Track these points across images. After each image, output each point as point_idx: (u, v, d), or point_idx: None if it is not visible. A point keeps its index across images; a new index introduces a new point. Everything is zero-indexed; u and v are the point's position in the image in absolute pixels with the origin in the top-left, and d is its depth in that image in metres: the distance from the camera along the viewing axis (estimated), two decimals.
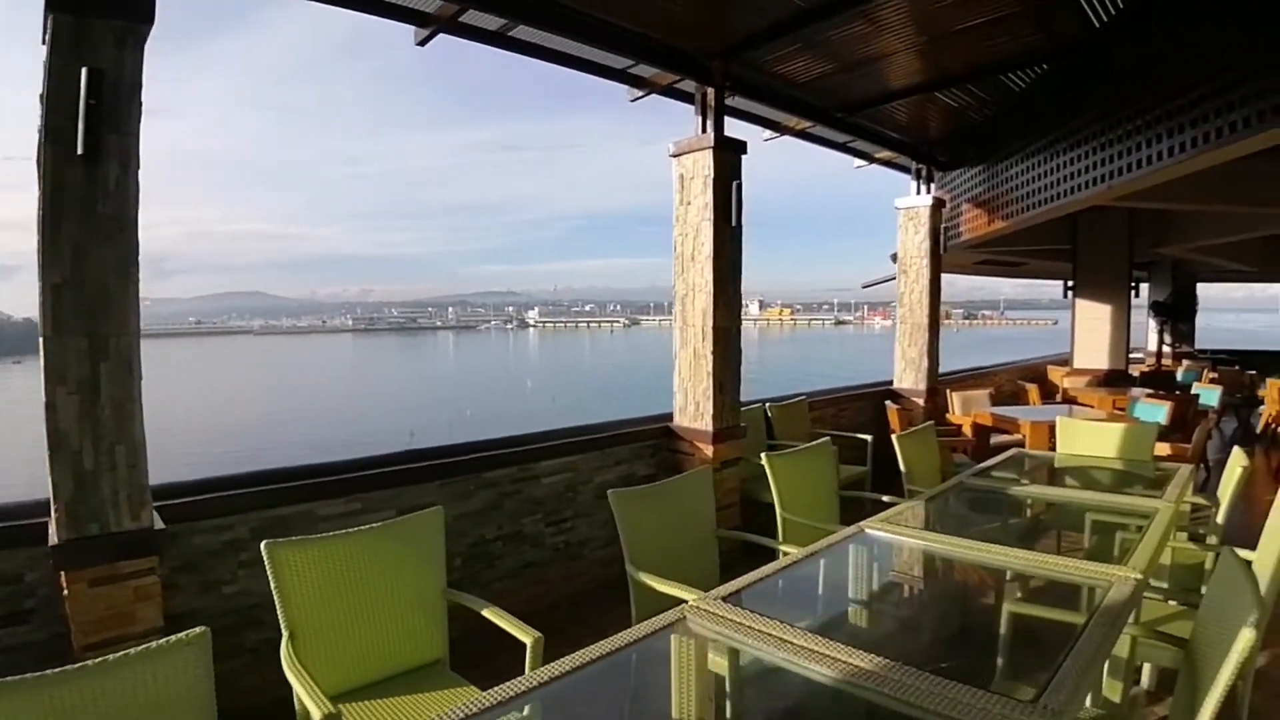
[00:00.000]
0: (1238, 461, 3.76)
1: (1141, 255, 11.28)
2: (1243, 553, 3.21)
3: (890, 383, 8.17)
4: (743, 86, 5.64)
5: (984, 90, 6.54)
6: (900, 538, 2.86)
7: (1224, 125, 4.02)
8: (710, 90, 5.15)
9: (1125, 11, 4.83)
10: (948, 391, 7.51)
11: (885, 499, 3.81)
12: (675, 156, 5.22)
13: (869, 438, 6.07)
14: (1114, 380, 10.11)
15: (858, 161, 8.12)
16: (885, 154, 7.97)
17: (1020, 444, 5.87)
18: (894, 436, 4.26)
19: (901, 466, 4.23)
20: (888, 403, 6.64)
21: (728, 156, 5.07)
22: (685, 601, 2.24)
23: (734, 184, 5.05)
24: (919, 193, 8.04)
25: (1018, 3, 4.67)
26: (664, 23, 4.70)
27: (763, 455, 3.68)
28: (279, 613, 2.41)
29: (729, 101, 5.76)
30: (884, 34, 5.06)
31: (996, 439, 6.58)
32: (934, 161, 8.20)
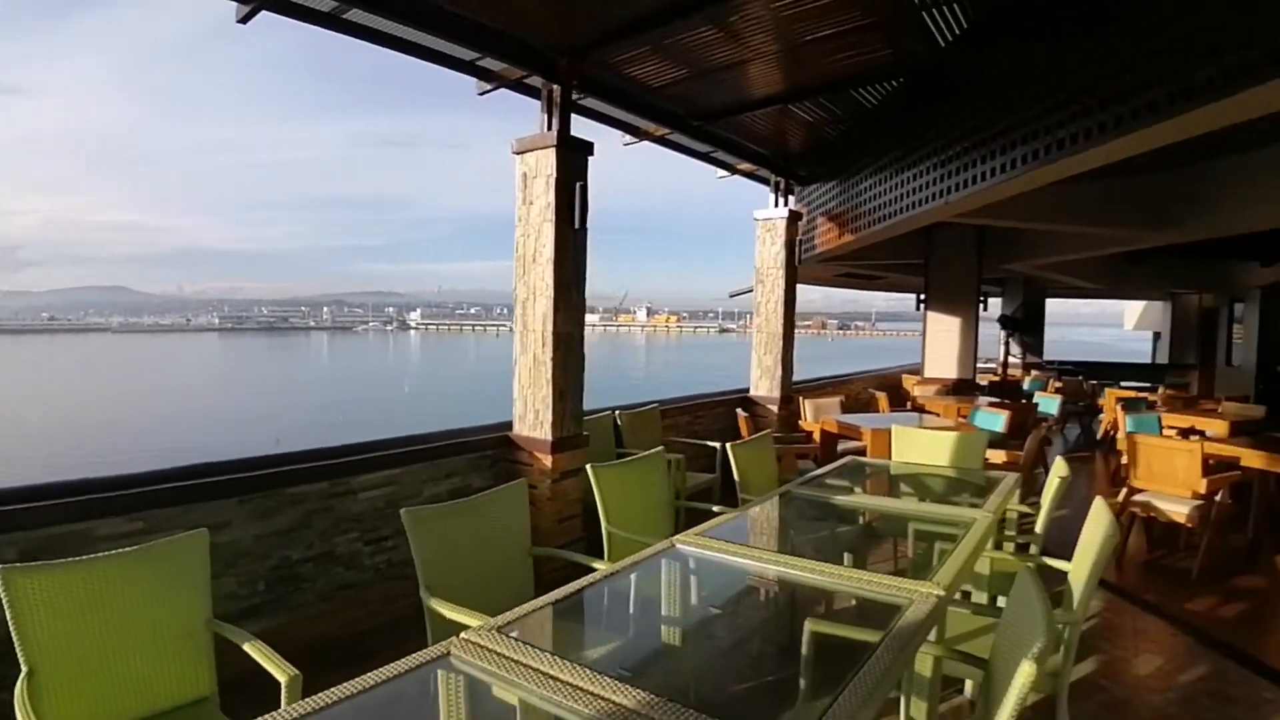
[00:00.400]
0: (1058, 471, 3.84)
1: (990, 271, 11.84)
2: (1058, 563, 3.26)
3: (747, 390, 8.22)
4: (596, 87, 5.51)
5: (837, 105, 6.65)
6: (710, 553, 2.73)
7: (1052, 142, 4.13)
8: (556, 87, 4.98)
9: (969, 31, 4.95)
10: (800, 399, 7.60)
11: (715, 509, 3.72)
12: (518, 154, 5.01)
13: (718, 445, 6.03)
14: (962, 389, 10.53)
15: (720, 172, 8.16)
16: (747, 166, 8.02)
17: (863, 451, 5.95)
18: (729, 446, 4.18)
19: (736, 475, 4.15)
20: (739, 410, 6.64)
21: (572, 156, 4.90)
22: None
23: (578, 185, 4.88)
24: (777, 205, 8.14)
25: (865, 17, 4.71)
26: (509, 14, 4.51)
27: (588, 467, 3.51)
28: (17, 648, 2.10)
29: (584, 102, 5.66)
30: (734, 42, 5.03)
31: (845, 446, 6.66)
32: (793, 175, 8.31)
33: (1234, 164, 6.89)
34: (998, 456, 5.75)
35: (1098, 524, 2.75)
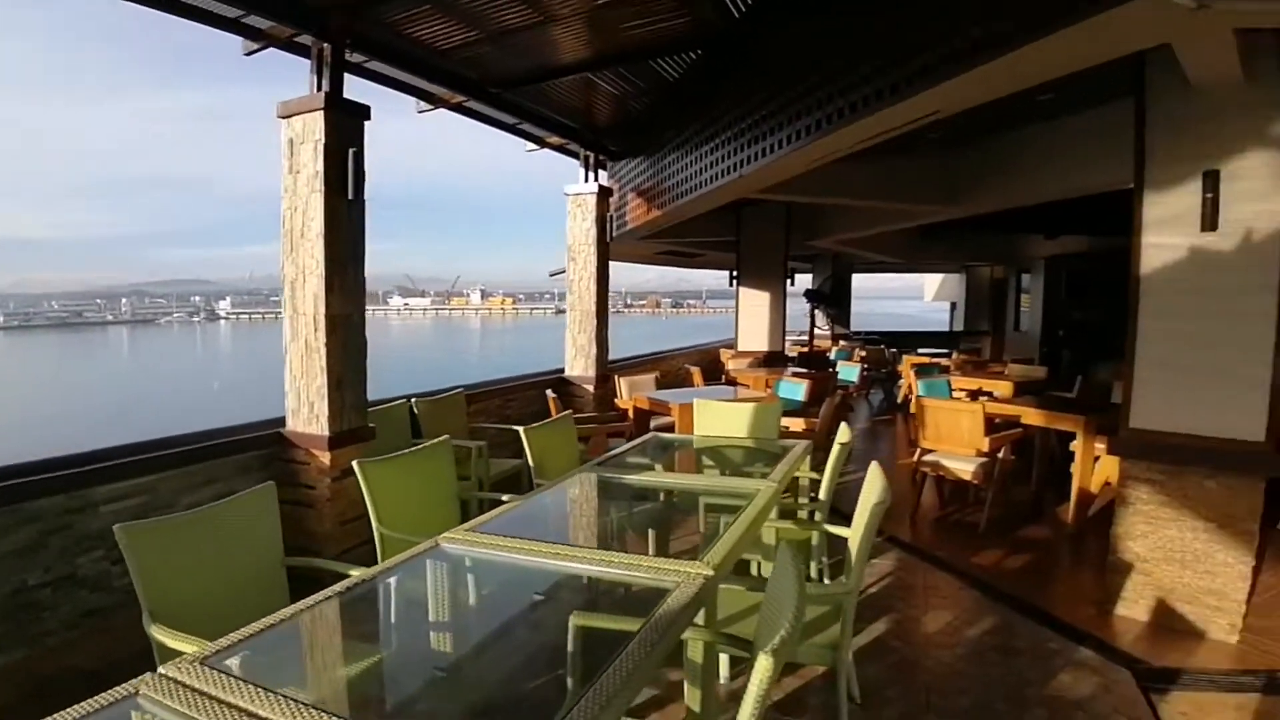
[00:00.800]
0: (839, 438, 3.88)
1: (798, 247, 12.24)
2: (841, 530, 3.26)
3: (562, 370, 8.06)
4: (379, 49, 5.14)
5: (640, 78, 6.57)
6: (478, 550, 2.51)
7: (833, 111, 4.15)
8: (327, 45, 4.55)
9: (761, 1, 4.93)
10: (616, 377, 7.52)
11: (505, 499, 3.50)
12: (284, 118, 4.54)
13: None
14: (772, 361, 10.88)
15: (529, 145, 7.93)
16: (556, 139, 7.84)
17: (673, 427, 5.93)
18: (522, 430, 3.97)
19: (530, 461, 3.95)
20: (549, 392, 6.43)
21: (344, 120, 4.50)
22: None
23: (351, 151, 4.49)
24: (587, 180, 8.01)
25: None
26: None
27: (355, 463, 3.21)
28: None
29: (370, 65, 5.29)
30: (524, 4, 4.80)
31: (657, 422, 6.64)
32: (603, 150, 8.22)
33: (1016, 139, 7.34)
34: (798, 425, 5.88)
35: (871, 490, 2.76)
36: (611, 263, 8.26)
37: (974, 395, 8.27)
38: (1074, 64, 3.23)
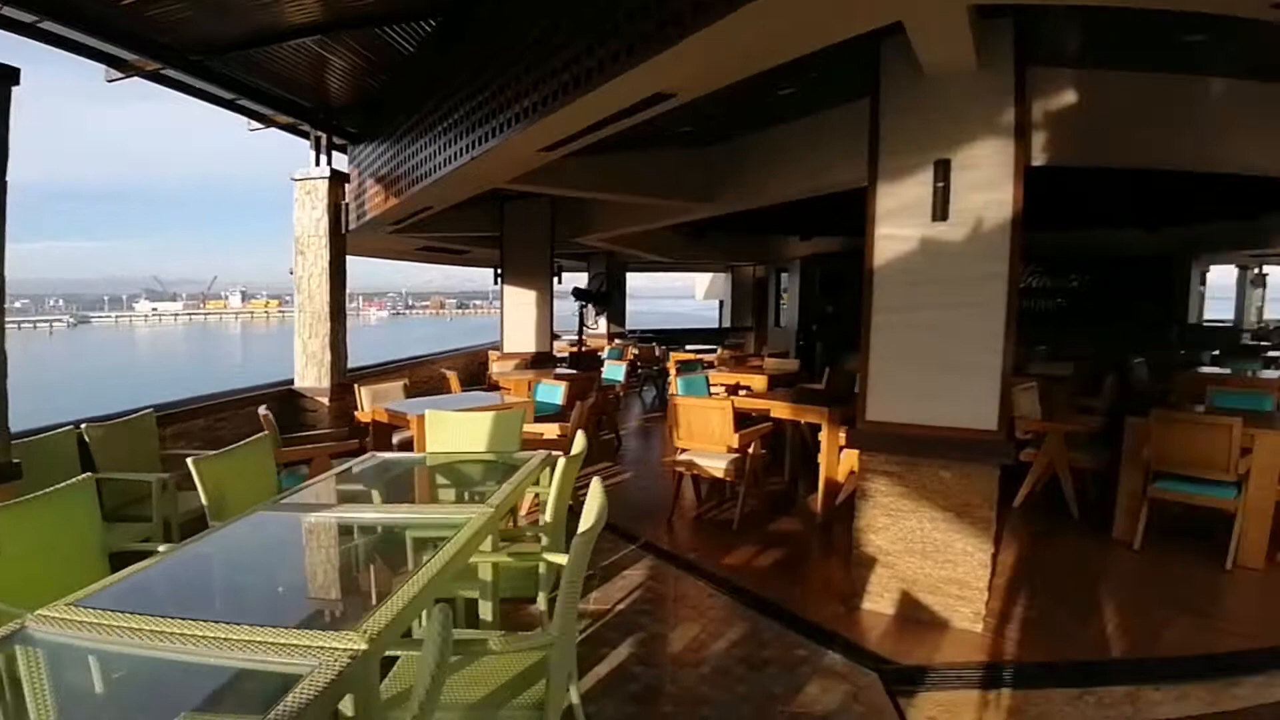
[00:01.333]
0: (574, 449, 3.51)
1: (565, 244, 11.90)
2: (560, 558, 2.82)
3: (292, 381, 7.15)
4: (47, 5, 4.22)
5: (372, 50, 5.91)
6: (76, 632, 1.85)
7: (558, 88, 3.76)
8: None
9: None
10: (358, 387, 6.73)
11: (162, 549, 2.79)
12: None
13: None
14: (540, 362, 10.48)
15: (253, 124, 7.00)
16: (286, 119, 6.99)
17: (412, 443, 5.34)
18: (190, 461, 3.23)
19: (203, 499, 3.20)
20: (261, 409, 5.47)
21: None
22: None
23: None
24: (319, 164, 7.17)
25: None
26: None
27: None
28: None
29: (43, 25, 4.36)
30: None
31: (401, 436, 6.01)
32: (340, 132, 7.42)
33: (766, 137, 7.30)
34: (553, 431, 5.50)
35: (588, 513, 2.39)
36: (380, 260, 7.49)
37: (733, 390, 8.30)
38: (803, 42, 3.04)
